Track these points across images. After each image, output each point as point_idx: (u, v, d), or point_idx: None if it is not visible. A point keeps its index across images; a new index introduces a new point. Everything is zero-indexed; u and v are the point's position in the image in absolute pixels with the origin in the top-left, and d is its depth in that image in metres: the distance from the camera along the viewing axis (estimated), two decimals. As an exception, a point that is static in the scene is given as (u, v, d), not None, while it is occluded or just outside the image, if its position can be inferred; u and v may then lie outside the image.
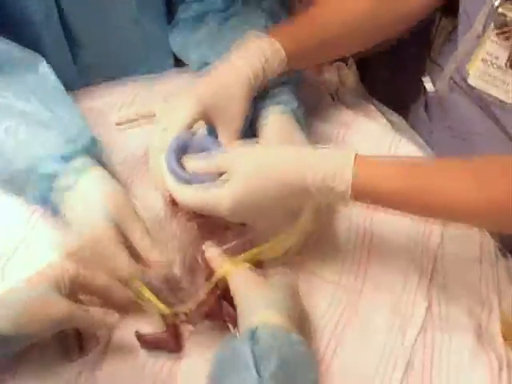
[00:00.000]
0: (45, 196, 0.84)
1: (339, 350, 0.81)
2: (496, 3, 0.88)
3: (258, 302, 0.73)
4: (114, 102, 1.06)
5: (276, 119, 0.92)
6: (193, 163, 0.81)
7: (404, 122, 1.12)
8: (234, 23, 1.02)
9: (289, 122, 0.92)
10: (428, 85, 1.04)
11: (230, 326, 0.77)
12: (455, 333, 0.84)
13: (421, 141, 1.09)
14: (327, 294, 0.86)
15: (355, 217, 0.93)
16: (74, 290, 0.75)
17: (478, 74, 0.93)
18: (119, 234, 0.80)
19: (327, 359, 0.80)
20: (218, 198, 0.76)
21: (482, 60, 0.92)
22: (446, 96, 1.03)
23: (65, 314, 0.71)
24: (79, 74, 1.07)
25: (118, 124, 0.95)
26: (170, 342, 0.78)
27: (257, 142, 0.87)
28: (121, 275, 0.78)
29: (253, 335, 0.68)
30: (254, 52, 0.88)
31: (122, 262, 0.79)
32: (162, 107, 0.91)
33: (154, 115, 0.96)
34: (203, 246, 0.80)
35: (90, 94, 1.08)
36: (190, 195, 0.79)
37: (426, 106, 1.12)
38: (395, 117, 1.12)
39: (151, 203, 0.88)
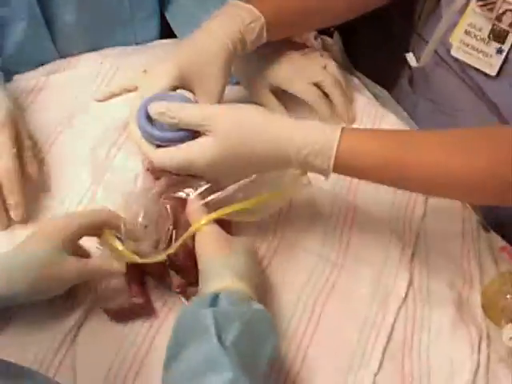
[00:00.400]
0: None
1: (321, 322, 0.81)
2: (480, -27, 0.87)
3: (221, 267, 0.73)
4: (96, 72, 1.04)
5: None
6: (175, 111, 0.78)
7: (388, 95, 1.12)
8: None
9: None
10: (411, 61, 1.03)
11: (183, 299, 0.78)
12: (436, 305, 0.84)
13: (405, 114, 1.09)
14: (308, 266, 0.86)
15: (339, 188, 0.93)
16: (78, 240, 0.77)
17: (461, 46, 0.93)
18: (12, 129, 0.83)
19: (309, 331, 0.80)
20: (193, 160, 0.76)
21: (466, 32, 0.91)
22: (431, 70, 1.02)
23: (74, 275, 0.74)
24: (56, 42, 1.04)
25: (99, 100, 0.94)
26: (140, 309, 0.78)
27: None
28: None
29: (215, 301, 0.68)
30: (232, 19, 0.87)
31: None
32: (141, 77, 0.90)
33: (137, 88, 0.94)
34: (174, 194, 0.80)
35: (71, 64, 1.06)
36: (164, 159, 0.79)
37: (411, 80, 1.11)
38: (379, 90, 1.12)
39: (130, 174, 0.89)
